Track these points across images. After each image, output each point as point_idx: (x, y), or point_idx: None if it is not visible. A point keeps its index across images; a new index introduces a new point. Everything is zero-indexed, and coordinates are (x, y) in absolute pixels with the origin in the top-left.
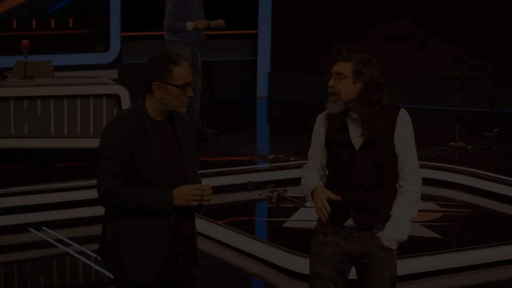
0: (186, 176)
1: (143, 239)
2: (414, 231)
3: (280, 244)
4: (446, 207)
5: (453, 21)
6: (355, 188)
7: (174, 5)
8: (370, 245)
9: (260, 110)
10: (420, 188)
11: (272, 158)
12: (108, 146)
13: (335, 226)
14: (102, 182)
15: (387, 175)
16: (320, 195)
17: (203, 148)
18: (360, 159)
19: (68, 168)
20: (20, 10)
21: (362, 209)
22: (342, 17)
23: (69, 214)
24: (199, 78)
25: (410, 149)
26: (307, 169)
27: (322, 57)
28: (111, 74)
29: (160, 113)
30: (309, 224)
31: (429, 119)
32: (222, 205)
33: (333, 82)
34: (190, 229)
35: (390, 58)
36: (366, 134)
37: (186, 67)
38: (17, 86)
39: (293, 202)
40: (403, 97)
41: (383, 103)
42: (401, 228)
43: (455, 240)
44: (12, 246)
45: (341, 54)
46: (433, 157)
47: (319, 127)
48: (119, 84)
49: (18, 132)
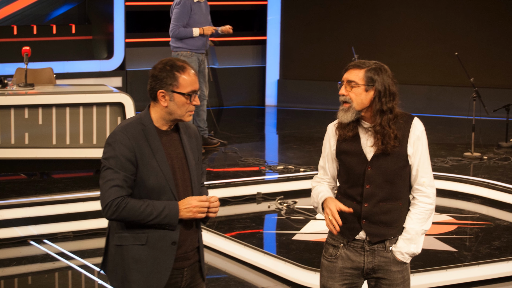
0: (192, 188)
1: (148, 252)
2: (428, 244)
3: (289, 257)
4: (461, 220)
5: (469, 28)
6: (367, 200)
7: (180, 10)
8: (383, 258)
9: (268, 119)
10: (434, 199)
11: (281, 168)
12: (111, 156)
13: (346, 239)
14: (106, 193)
15: (400, 186)
16: (331, 207)
17: (210, 159)
18: (372, 170)
19: (70, 179)
20: (20, 15)
21: (375, 222)
22: (353, 23)
23: (71, 226)
24: (205, 86)
25: (424, 160)
26: (318, 180)
27: (333, 64)
28: (115, 81)
29: (166, 122)
30: (319, 237)
31: (444, 128)
32: (230, 217)
33: (344, 90)
34: (197, 242)
35: (403, 65)
36: (379, 144)
37: (192, 75)
38: (17, 94)
39: (303, 214)
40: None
41: (396, 112)
42: (415, 241)
43: (471, 254)
44: (12, 260)
45: (352, 61)
46: (447, 168)
47: (330, 137)
48: (123, 92)
49: (18, 142)
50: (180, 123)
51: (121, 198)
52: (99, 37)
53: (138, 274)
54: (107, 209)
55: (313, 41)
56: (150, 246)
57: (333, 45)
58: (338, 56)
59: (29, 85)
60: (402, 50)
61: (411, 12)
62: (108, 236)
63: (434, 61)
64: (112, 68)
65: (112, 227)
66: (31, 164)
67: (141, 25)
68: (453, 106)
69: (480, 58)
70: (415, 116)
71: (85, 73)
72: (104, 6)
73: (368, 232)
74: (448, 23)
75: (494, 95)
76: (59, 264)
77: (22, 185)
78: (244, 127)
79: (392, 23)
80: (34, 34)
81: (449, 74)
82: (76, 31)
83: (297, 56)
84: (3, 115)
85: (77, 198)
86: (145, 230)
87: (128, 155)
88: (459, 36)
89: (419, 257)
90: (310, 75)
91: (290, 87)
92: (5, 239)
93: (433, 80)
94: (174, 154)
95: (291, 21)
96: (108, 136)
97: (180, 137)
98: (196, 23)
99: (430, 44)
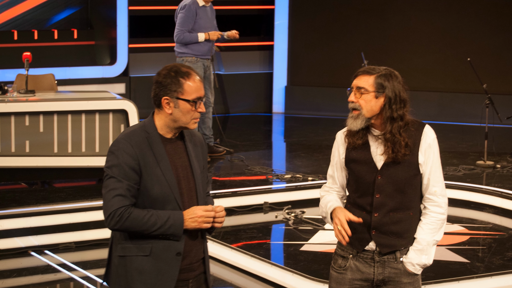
0: (197, 197)
1: (152, 263)
2: (439, 255)
3: (297, 269)
4: (473, 230)
5: (482, 33)
6: (377, 210)
7: (185, 15)
8: (393, 270)
9: (276, 126)
10: (446, 209)
11: (289, 177)
12: (114, 165)
13: (356, 250)
14: (108, 203)
15: (411, 195)
16: (340, 216)
17: (216, 167)
18: (383, 178)
19: (72, 188)
20: (21, 20)
21: (385, 232)
22: (363, 28)
23: (73, 237)
24: (211, 93)
25: (435, 168)
26: (326, 189)
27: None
28: (118, 88)
29: (170, 130)
30: (328, 247)
31: (456, 136)
32: (236, 228)
33: (353, 96)
34: (202, 253)
35: (414, 71)
36: (389, 152)
37: (197, 81)
38: (18, 101)
39: (311, 224)
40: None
41: (407, 119)
42: (426, 252)
43: (483, 265)
44: (12, 271)
45: (362, 67)
46: (459, 177)
47: (338, 145)
48: (127, 99)
49: (19, 150)
50: (185, 131)
51: (125, 208)
52: (102, 43)
53: (142, 286)
54: (110, 219)
55: (321, 47)
56: (154, 257)
57: (342, 51)
58: (347, 62)
59: (30, 91)
60: (413, 55)
61: (422, 16)
62: (111, 247)
63: (446, 67)
64: (115, 74)
65: (115, 238)
66: (32, 173)
67: (145, 30)
68: (466, 113)
69: (493, 63)
70: (426, 124)
71: (88, 79)
72: (107, 10)
73: (378, 242)
74: (460, 28)
75: (508, 102)
76: (61, 276)
77: (22, 194)
78: (251, 134)
79: (403, 28)
80: (35, 39)
81: (462, 80)
82: (78, 36)
83: (305, 62)
84: (4, 122)
85: (79, 208)
86: (149, 240)
87: (132, 163)
88: (472, 41)
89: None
90: (318, 81)
91: (298, 94)
92: (6, 250)
93: (445, 86)
94: (179, 162)
95: (299, 25)
96: (111, 144)
97: (185, 145)
98: (201, 28)
99: (442, 50)
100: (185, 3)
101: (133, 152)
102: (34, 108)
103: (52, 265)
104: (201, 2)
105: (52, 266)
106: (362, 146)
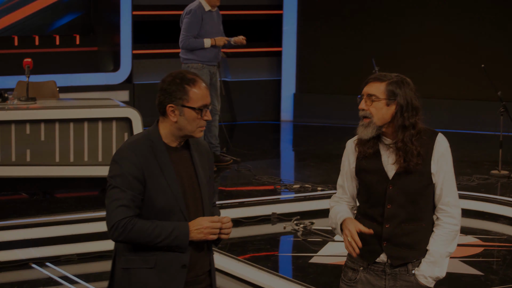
0: (203, 207)
1: (157, 276)
2: (453, 268)
3: (306, 281)
4: (487, 241)
5: (496, 39)
6: (389, 221)
7: (190, 20)
8: (405, 282)
9: (284, 134)
10: (459, 220)
11: (298, 187)
12: (118, 174)
13: (366, 262)
14: (112, 214)
15: (424, 206)
16: (350, 228)
17: (222, 177)
18: (394, 188)
19: (74, 199)
20: (22, 25)
21: (396, 244)
22: (374, 34)
23: (75, 249)
24: (217, 100)
25: (448, 178)
26: (336, 200)
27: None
28: (122, 95)
29: (175, 139)
30: (338, 259)
31: (469, 144)
32: (243, 239)
33: (364, 104)
34: (208, 265)
35: (426, 78)
36: (401, 161)
37: (203, 88)
38: (18, 109)
39: (321, 236)
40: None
41: (419, 128)
42: (439, 264)
43: (498, 278)
44: (13, 284)
45: (373, 74)
46: (473, 187)
47: (349, 154)
48: (130, 106)
49: (19, 159)
50: (191, 140)
51: (128, 219)
52: (105, 49)
53: None
54: (113, 230)
55: (331, 53)
56: (159, 269)
57: (353, 57)
58: (358, 68)
59: (30, 99)
60: (425, 62)
61: (435, 22)
62: (115, 259)
63: (459, 74)
64: (118, 81)
65: (118, 250)
66: (33, 183)
67: (149, 36)
68: (480, 121)
69: (507, 70)
70: (439, 132)
71: (90, 87)
72: (110, 15)
73: (389, 254)
74: (474, 34)
75: None
76: None
77: (23, 205)
78: (258, 143)
79: (415, 34)
80: (36, 45)
81: (475, 87)
82: (81, 42)
83: (314, 69)
84: (4, 131)
85: (82, 219)
86: (153, 252)
87: (136, 173)
88: (486, 48)
89: (444, 281)
90: (328, 88)
91: (307, 101)
92: (6, 262)
93: (458, 94)
94: (184, 172)
95: (308, 31)
96: (114, 153)
97: (191, 154)
98: (207, 34)
99: (455, 56)
100: (191, 8)
101: (137, 161)
102: (35, 116)
103: (54, 277)
104: (207, 7)
105: (53, 278)
106: (373, 155)
